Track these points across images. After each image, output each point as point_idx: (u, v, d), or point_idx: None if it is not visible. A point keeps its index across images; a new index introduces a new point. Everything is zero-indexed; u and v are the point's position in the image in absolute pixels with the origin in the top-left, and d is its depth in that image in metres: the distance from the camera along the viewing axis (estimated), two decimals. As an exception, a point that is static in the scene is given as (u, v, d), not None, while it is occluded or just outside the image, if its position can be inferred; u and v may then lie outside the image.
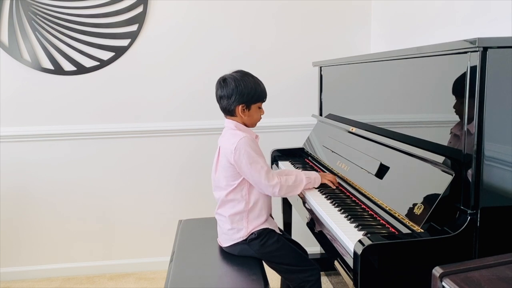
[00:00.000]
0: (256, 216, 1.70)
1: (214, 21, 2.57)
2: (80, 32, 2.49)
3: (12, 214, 2.61)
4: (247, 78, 1.68)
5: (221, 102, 1.70)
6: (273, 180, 1.64)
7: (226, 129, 1.74)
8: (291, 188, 1.71)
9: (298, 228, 2.45)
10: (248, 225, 1.69)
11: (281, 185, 1.66)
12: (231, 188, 1.68)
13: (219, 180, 1.72)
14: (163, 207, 2.71)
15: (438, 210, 1.20)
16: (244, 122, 1.72)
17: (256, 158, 1.63)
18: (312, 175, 1.79)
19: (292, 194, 1.77)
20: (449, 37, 1.82)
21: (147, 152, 2.64)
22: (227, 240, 1.74)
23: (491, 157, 1.15)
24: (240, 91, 1.65)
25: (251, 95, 1.67)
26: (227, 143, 1.67)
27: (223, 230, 1.75)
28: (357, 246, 1.14)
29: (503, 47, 1.11)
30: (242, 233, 1.69)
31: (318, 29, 2.64)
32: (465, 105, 1.17)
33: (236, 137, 1.64)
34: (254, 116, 1.72)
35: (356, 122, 1.98)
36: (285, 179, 1.69)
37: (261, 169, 1.63)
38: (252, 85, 1.67)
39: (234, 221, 1.70)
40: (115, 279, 2.65)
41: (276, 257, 1.70)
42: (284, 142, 2.58)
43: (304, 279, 1.66)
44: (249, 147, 1.63)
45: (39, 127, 2.55)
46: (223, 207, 1.73)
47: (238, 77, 1.67)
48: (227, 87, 1.66)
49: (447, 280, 0.81)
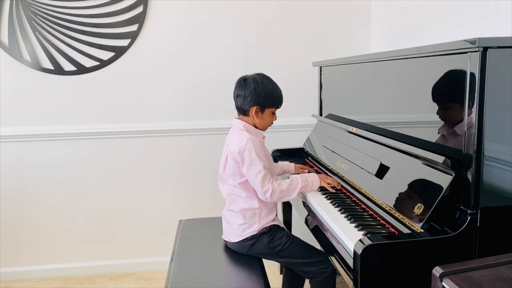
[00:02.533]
0: (267, 213, 1.74)
1: (214, 21, 2.57)
2: (80, 32, 2.49)
3: (12, 214, 2.61)
4: (267, 81, 1.73)
5: (237, 100, 1.74)
6: (265, 186, 1.64)
7: (234, 128, 1.77)
8: (285, 193, 1.69)
9: (298, 228, 2.44)
10: (261, 221, 1.72)
11: (273, 190, 1.65)
12: (239, 185, 1.71)
13: (227, 179, 1.74)
14: (163, 207, 2.71)
15: (438, 210, 1.20)
16: (255, 124, 1.75)
17: (256, 161, 1.64)
18: (309, 178, 1.77)
19: (287, 199, 1.74)
20: (449, 37, 1.82)
21: (147, 152, 2.64)
22: (236, 236, 1.74)
23: (491, 157, 1.15)
24: (257, 93, 1.69)
25: (267, 99, 1.71)
26: (233, 143, 1.69)
27: (234, 226, 1.75)
28: (357, 246, 1.14)
29: (503, 47, 1.11)
30: (255, 227, 1.71)
31: (318, 29, 2.64)
32: (465, 105, 1.17)
33: (242, 137, 1.67)
34: (266, 120, 1.75)
35: (356, 122, 1.98)
36: (279, 184, 1.68)
37: (258, 173, 1.64)
38: (270, 88, 1.72)
39: (246, 216, 1.72)
40: (115, 279, 2.65)
41: (287, 251, 1.71)
42: (284, 142, 2.58)
43: (319, 271, 1.66)
44: (253, 149, 1.65)
45: (39, 127, 2.55)
46: (234, 202, 1.75)
47: (258, 79, 1.71)
48: (246, 87, 1.71)
49: (447, 280, 0.81)
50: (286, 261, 1.74)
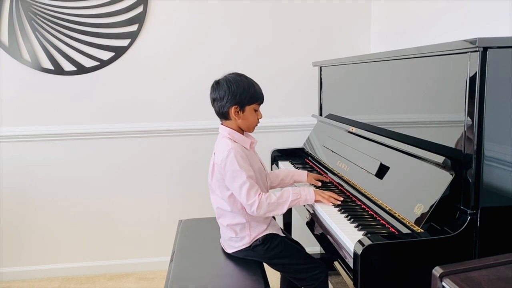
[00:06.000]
0: (258, 224, 1.68)
1: (214, 22, 2.57)
2: (80, 32, 2.49)
3: (12, 214, 2.61)
4: (240, 78, 1.64)
5: (215, 105, 1.67)
6: (251, 199, 1.54)
7: (219, 136, 1.69)
8: (273, 206, 1.57)
9: (298, 228, 2.45)
10: (251, 233, 1.67)
11: (259, 203, 1.54)
12: (225, 198, 1.65)
13: (215, 188, 1.70)
14: (163, 207, 2.71)
15: (438, 210, 1.20)
16: (239, 125, 1.66)
17: (239, 172, 1.55)
18: (303, 192, 1.63)
19: (275, 213, 1.60)
20: (449, 37, 1.82)
21: (147, 152, 2.64)
22: (230, 247, 1.72)
23: (491, 157, 1.15)
24: (232, 92, 1.60)
25: (244, 96, 1.61)
26: (218, 152, 1.63)
27: (225, 237, 1.73)
28: (357, 246, 1.14)
29: (503, 47, 1.11)
30: (246, 240, 1.67)
31: (318, 29, 2.64)
32: (465, 105, 1.17)
33: (226, 147, 1.59)
34: (249, 119, 1.65)
35: (356, 122, 1.98)
36: (267, 196, 1.56)
37: (242, 185, 1.55)
38: (245, 85, 1.62)
39: (236, 230, 1.67)
40: (115, 279, 2.65)
41: (281, 258, 1.67)
42: (284, 142, 2.58)
43: (313, 277, 1.64)
44: (234, 160, 1.55)
45: (39, 127, 2.55)
46: (221, 217, 1.71)
47: (231, 78, 1.63)
48: (219, 89, 1.63)
49: (447, 280, 0.81)
50: (280, 268, 1.72)
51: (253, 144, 1.71)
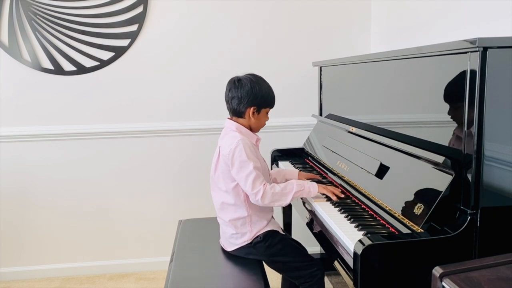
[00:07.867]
0: (259, 219, 1.69)
1: (214, 21, 2.57)
2: (80, 32, 2.49)
3: (12, 214, 2.61)
4: (262, 81, 1.70)
5: (232, 102, 1.68)
6: (256, 187, 1.57)
7: (226, 129, 1.72)
8: (278, 196, 1.60)
9: (298, 228, 2.45)
10: (252, 229, 1.68)
11: (264, 192, 1.57)
12: (229, 190, 1.67)
13: (218, 181, 1.71)
14: (163, 207, 2.71)
15: (438, 210, 1.20)
16: (251, 125, 1.71)
17: (247, 163, 1.59)
18: (306, 184, 1.67)
19: (280, 203, 1.64)
20: (449, 37, 1.82)
21: (147, 152, 2.64)
22: (231, 245, 1.73)
23: (491, 157, 1.15)
24: (254, 93, 1.65)
25: (264, 99, 1.67)
26: (225, 144, 1.65)
27: (226, 235, 1.74)
28: (357, 246, 1.14)
29: (503, 47, 1.11)
30: (247, 237, 1.68)
31: (318, 29, 2.64)
32: (465, 105, 1.17)
33: (234, 139, 1.63)
34: (261, 121, 1.72)
35: (356, 122, 1.98)
36: (272, 186, 1.60)
37: (249, 174, 1.58)
38: (266, 89, 1.68)
39: (237, 226, 1.68)
40: (115, 279, 2.65)
41: (282, 256, 1.69)
42: (284, 142, 2.58)
43: (310, 274, 1.65)
44: (243, 151, 1.59)
45: (39, 127, 2.55)
46: (223, 211, 1.72)
47: (254, 80, 1.67)
48: (241, 88, 1.65)
49: (447, 280, 0.81)
50: (278, 266, 1.72)
51: (258, 141, 1.75)
